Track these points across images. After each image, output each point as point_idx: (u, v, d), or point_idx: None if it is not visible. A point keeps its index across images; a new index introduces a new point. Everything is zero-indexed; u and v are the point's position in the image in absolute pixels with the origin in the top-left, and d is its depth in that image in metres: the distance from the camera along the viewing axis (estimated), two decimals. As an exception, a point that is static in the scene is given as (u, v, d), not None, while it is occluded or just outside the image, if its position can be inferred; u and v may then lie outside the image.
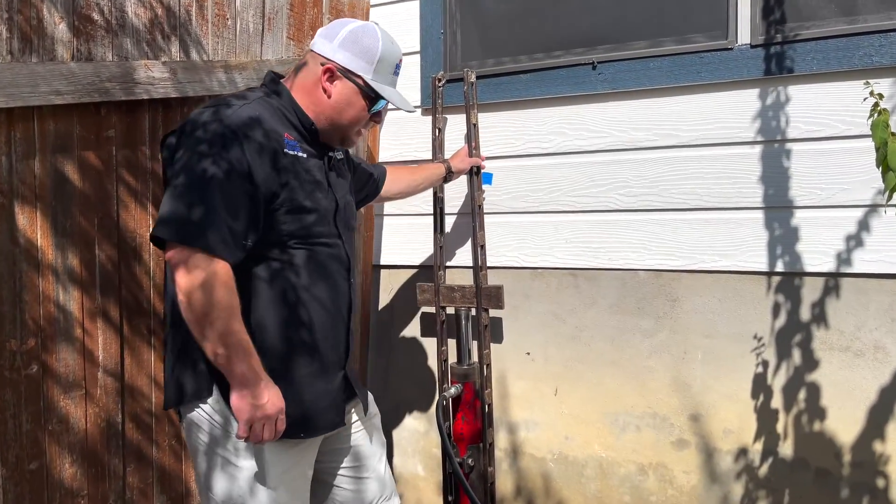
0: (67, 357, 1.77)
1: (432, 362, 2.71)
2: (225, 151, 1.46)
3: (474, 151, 2.51)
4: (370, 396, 1.87)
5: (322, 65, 1.64)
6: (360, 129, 1.72)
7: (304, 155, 1.61)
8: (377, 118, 1.75)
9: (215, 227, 1.43)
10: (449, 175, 2.42)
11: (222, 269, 1.45)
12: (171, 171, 1.51)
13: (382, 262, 2.79)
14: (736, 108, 2.24)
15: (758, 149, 2.22)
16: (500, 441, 2.61)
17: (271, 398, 1.48)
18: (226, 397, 1.51)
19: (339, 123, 1.67)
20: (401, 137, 2.72)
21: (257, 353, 1.49)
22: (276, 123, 1.58)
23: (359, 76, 1.65)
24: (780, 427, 2.22)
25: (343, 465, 1.77)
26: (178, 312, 1.48)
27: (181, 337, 1.55)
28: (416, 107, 2.69)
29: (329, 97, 1.64)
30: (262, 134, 1.52)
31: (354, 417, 1.79)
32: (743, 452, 2.27)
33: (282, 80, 1.70)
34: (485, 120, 2.56)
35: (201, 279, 1.41)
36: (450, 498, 2.56)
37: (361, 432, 1.81)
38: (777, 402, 2.22)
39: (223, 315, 1.43)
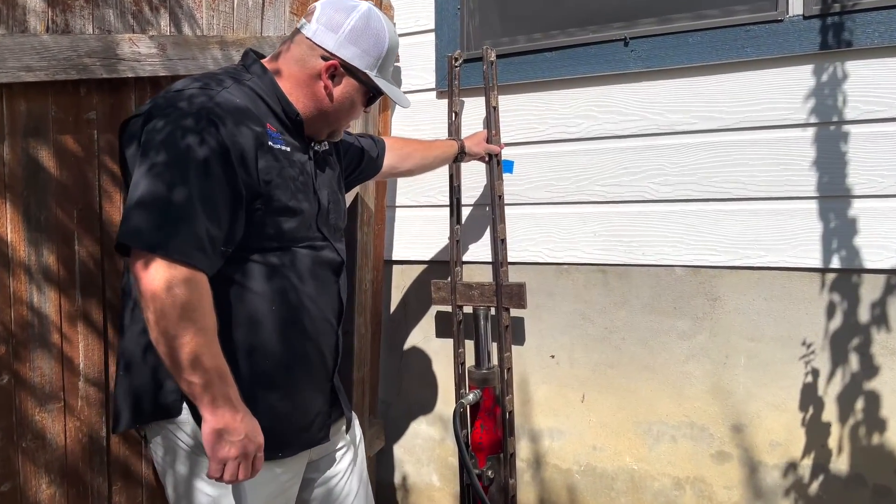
0: (43, 365, 1.58)
1: (448, 365, 2.51)
2: (200, 145, 1.26)
3: (494, 137, 2.30)
4: (355, 419, 1.71)
5: (324, 59, 1.44)
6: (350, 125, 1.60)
7: (288, 148, 1.43)
8: (368, 110, 1.63)
9: (190, 232, 1.24)
10: (461, 155, 2.21)
11: (199, 281, 1.25)
12: (134, 164, 1.31)
13: (394, 258, 2.59)
14: (786, 87, 2.02)
15: (810, 132, 2.00)
16: (522, 451, 2.41)
17: (249, 433, 1.28)
18: (197, 417, 1.32)
19: (333, 119, 1.51)
20: (414, 123, 2.52)
21: (245, 364, 1.33)
22: (257, 112, 1.39)
23: (363, 73, 1.47)
24: (833, 440, 2.01)
25: (321, 491, 1.61)
26: (138, 313, 1.30)
27: (143, 341, 1.35)
28: (430, 89, 2.48)
29: (330, 96, 1.47)
30: (243, 124, 1.33)
31: (341, 442, 1.63)
32: (791, 467, 2.06)
33: (262, 61, 1.50)
34: (505, 103, 2.35)
35: (176, 293, 1.21)
36: (467, 511, 2.37)
37: (348, 451, 1.64)
38: (830, 412, 2.01)
39: (197, 337, 1.22)
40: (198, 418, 1.34)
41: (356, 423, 1.71)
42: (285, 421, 1.43)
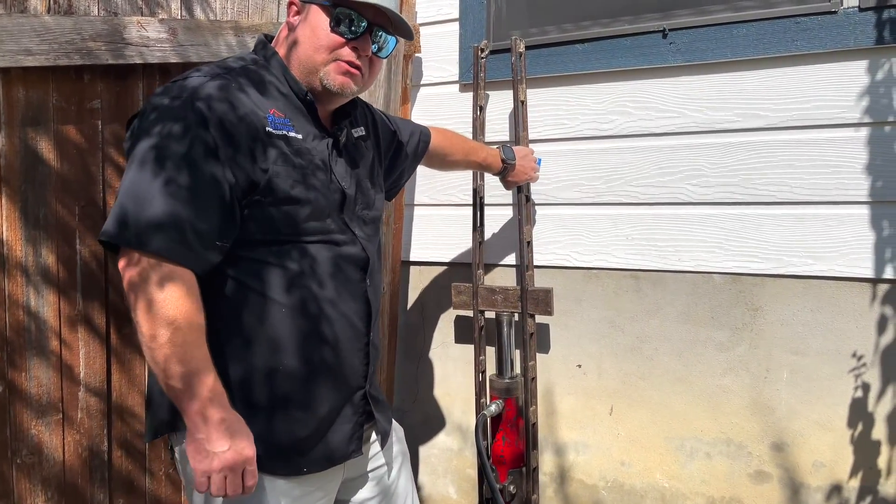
0: (41, 374, 1.47)
1: (468, 373, 2.39)
2: (185, 134, 1.18)
3: (522, 134, 2.17)
4: (398, 429, 1.57)
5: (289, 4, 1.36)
6: (344, 65, 1.33)
7: (299, 135, 1.31)
8: (362, 44, 1.34)
9: (172, 228, 1.15)
10: (505, 169, 2.04)
11: (181, 279, 1.15)
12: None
13: (412, 259, 2.46)
14: (839, 84, 1.88)
15: (864, 132, 1.87)
16: (546, 465, 2.28)
17: (234, 445, 1.17)
18: None
19: (312, 63, 1.33)
20: (436, 117, 2.39)
21: (242, 377, 1.22)
22: (259, 97, 1.29)
23: None
24: (882, 461, 1.88)
25: None
26: None
27: None
28: (453, 82, 2.35)
29: (291, 26, 1.34)
30: (233, 113, 1.23)
31: (371, 465, 1.49)
32: (836, 490, 1.93)
33: (273, 45, 1.40)
34: (533, 97, 2.22)
35: (154, 291, 1.13)
36: (486, 526, 2.25)
37: (383, 468, 1.51)
38: (880, 432, 1.88)
39: (176, 338, 1.13)
40: None
41: (398, 438, 1.57)
42: (310, 432, 1.31)
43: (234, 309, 1.25)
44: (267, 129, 1.25)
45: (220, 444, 1.15)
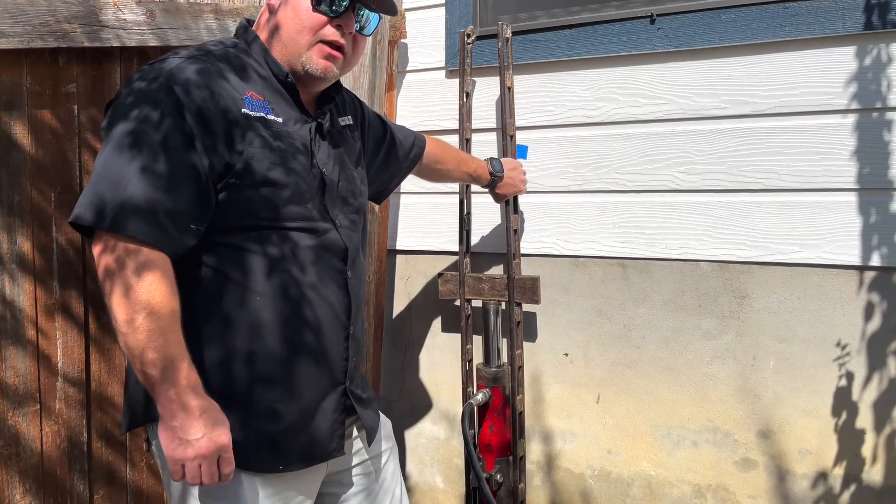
0: (17, 364, 1.44)
1: (454, 362, 2.38)
2: (158, 115, 1.16)
3: (509, 121, 2.14)
4: (387, 424, 1.55)
5: None
6: (327, 48, 1.31)
7: (279, 118, 1.29)
8: (345, 21, 1.31)
9: (148, 212, 1.13)
10: (493, 182, 2.02)
11: (155, 262, 1.14)
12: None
13: (398, 247, 2.44)
14: (827, 70, 1.87)
15: (852, 118, 1.86)
16: (533, 453, 2.28)
17: (208, 433, 1.14)
18: None
19: (295, 45, 1.30)
20: (422, 104, 2.36)
21: (219, 362, 1.21)
22: (238, 81, 1.27)
23: None
24: (867, 449, 1.89)
25: None
26: None
27: None
28: (439, 68, 2.32)
29: (276, 17, 1.31)
30: (208, 92, 1.21)
31: (356, 460, 1.47)
32: (822, 477, 1.94)
33: (253, 28, 1.37)
34: (521, 83, 2.19)
35: (127, 274, 1.11)
36: (473, 515, 2.24)
37: (368, 463, 1.49)
38: (865, 419, 1.88)
39: (152, 324, 1.11)
40: None
41: (386, 434, 1.55)
42: (285, 429, 1.28)
43: (211, 295, 1.23)
44: (244, 110, 1.23)
45: (194, 431, 1.13)
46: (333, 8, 1.29)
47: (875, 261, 1.85)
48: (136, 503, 1.66)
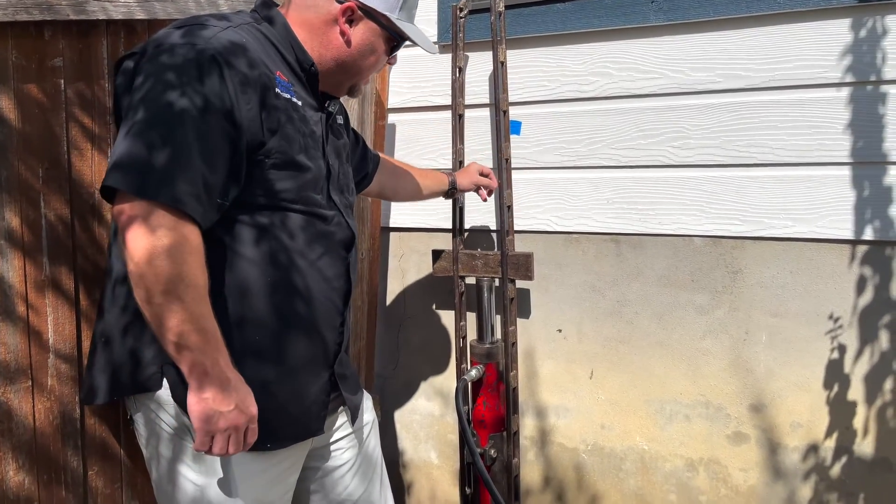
0: (8, 340, 1.43)
1: (448, 338, 2.38)
2: (200, 82, 1.13)
3: (502, 96, 2.13)
4: (368, 398, 1.57)
5: (339, 1, 1.31)
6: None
7: (300, 102, 1.29)
8: (393, 60, 1.46)
9: (187, 177, 1.10)
10: (451, 191, 2.04)
11: (192, 233, 1.12)
12: (127, 104, 1.16)
13: (392, 225, 2.43)
14: (821, 43, 1.86)
15: (846, 92, 1.85)
16: (527, 429, 2.29)
17: (240, 402, 1.16)
18: (180, 394, 1.20)
19: (354, 70, 1.38)
20: (414, 80, 2.34)
21: (238, 328, 1.21)
22: (266, 58, 1.26)
23: (383, 15, 1.34)
24: (858, 421, 1.90)
25: (318, 487, 1.47)
26: (119, 292, 1.21)
27: (124, 320, 1.25)
28: (432, 42, 2.30)
29: (348, 42, 1.33)
30: (248, 65, 1.19)
31: (338, 434, 1.48)
32: (813, 449, 1.95)
33: (276, 7, 1.36)
34: (514, 58, 2.17)
35: (166, 243, 1.08)
36: (467, 490, 2.26)
37: (351, 437, 1.51)
38: (856, 392, 1.89)
39: (193, 294, 1.10)
40: (179, 398, 1.21)
41: (368, 407, 1.58)
42: (277, 407, 1.29)
43: (221, 271, 1.22)
44: (276, 90, 1.23)
45: (227, 403, 1.13)
46: (393, 48, 1.41)
47: (868, 234, 1.85)
48: (130, 479, 1.67)
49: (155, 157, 1.09)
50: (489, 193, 2.10)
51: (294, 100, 1.27)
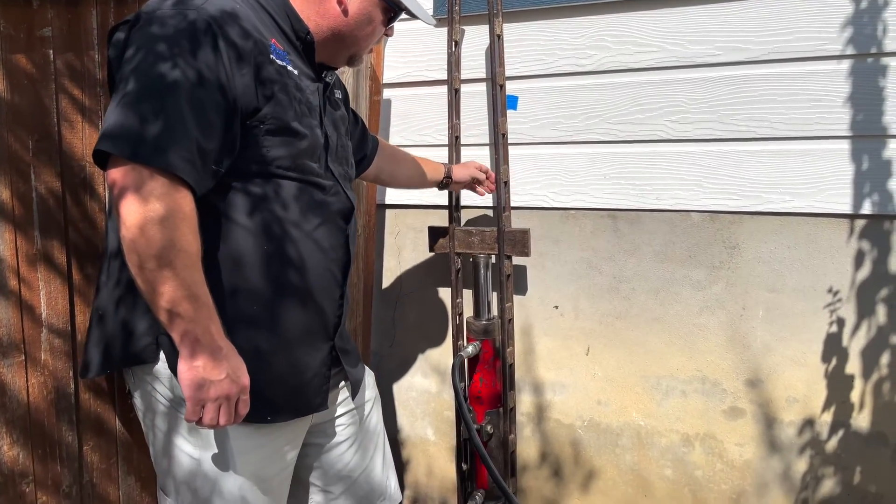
0: (0, 314, 1.42)
1: (445, 315, 2.37)
2: (192, 53, 1.12)
3: (498, 70, 2.10)
4: (370, 374, 1.57)
5: None
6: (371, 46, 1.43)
7: (296, 71, 1.28)
8: (390, 32, 1.44)
9: (181, 143, 1.09)
10: (446, 181, 2.03)
11: (186, 199, 1.11)
12: (119, 75, 1.15)
13: (388, 202, 2.42)
14: (821, 15, 1.84)
15: (846, 64, 1.83)
16: (523, 405, 2.29)
17: (232, 372, 1.15)
18: (175, 364, 1.18)
19: (351, 40, 1.36)
20: (409, 54, 2.31)
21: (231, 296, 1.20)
22: (261, 25, 1.24)
23: None
24: (854, 396, 1.90)
25: (319, 463, 1.47)
26: (114, 268, 1.20)
27: (117, 293, 1.24)
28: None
29: (345, 12, 1.32)
30: (240, 32, 1.17)
31: (341, 410, 1.48)
32: (809, 424, 1.96)
33: None
34: (510, 32, 2.15)
35: (160, 211, 1.07)
36: (464, 466, 2.26)
37: (354, 412, 1.50)
38: (853, 367, 1.89)
39: (185, 261, 1.09)
40: (175, 368, 1.20)
41: (370, 384, 1.57)
42: (274, 378, 1.28)
43: (216, 239, 1.21)
44: (271, 56, 1.21)
45: (218, 372, 1.12)
46: (391, 18, 1.39)
47: (866, 209, 1.84)
48: (125, 453, 1.66)
49: (148, 125, 1.08)
50: (488, 190, 2.10)
51: (289, 68, 1.26)
